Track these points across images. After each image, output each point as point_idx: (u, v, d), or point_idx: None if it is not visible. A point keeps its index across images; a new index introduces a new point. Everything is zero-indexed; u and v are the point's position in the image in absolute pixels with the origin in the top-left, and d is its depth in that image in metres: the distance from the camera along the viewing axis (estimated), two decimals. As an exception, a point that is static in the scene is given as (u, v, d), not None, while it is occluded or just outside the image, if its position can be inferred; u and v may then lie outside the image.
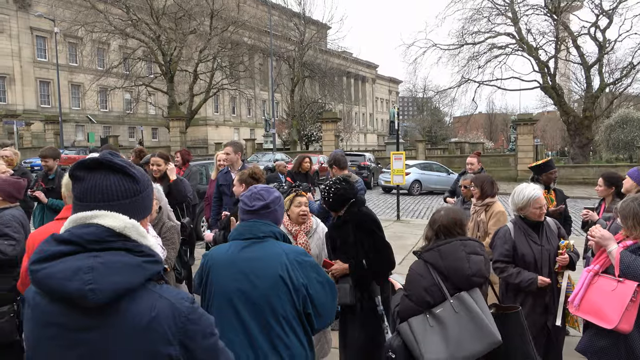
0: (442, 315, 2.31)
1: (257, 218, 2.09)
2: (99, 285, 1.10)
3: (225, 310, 1.98)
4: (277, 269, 1.98)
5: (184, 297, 1.22)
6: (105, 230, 1.18)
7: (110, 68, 33.78)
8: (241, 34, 37.42)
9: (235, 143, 5.40)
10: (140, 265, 1.18)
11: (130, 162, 1.30)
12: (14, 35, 42.74)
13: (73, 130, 45.55)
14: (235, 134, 59.48)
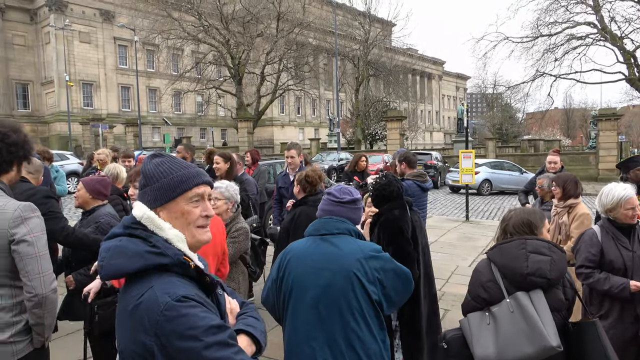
0: (498, 314, 2.25)
1: (340, 213, 2.16)
2: (105, 264, 1.26)
3: (302, 305, 2.03)
4: (352, 264, 2.02)
5: (170, 293, 1.19)
6: (132, 217, 1.33)
7: (184, 72, 35.57)
8: (306, 35, 37.97)
9: (298, 145, 5.46)
10: (141, 254, 1.25)
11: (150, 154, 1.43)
12: (99, 45, 46.33)
13: (150, 132, 48.53)
14: (300, 134, 60.42)
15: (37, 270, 1.95)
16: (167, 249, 1.27)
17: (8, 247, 1.90)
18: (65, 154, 20.62)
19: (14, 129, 2.10)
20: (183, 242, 1.32)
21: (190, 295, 1.22)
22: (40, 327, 2.00)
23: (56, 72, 42.85)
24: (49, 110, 45.36)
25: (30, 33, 45.80)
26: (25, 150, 2.13)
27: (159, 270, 1.25)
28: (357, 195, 2.24)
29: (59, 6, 42.82)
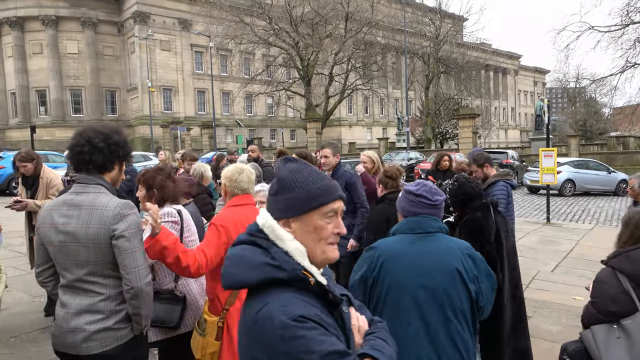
0: (631, 328, 2.08)
1: (432, 213, 2.13)
2: (225, 272, 1.23)
3: (403, 303, 1.98)
4: (453, 263, 2.00)
5: (286, 311, 1.11)
6: (256, 224, 1.28)
7: (255, 76, 36.74)
8: (375, 34, 37.71)
9: (333, 145, 4.94)
10: (260, 265, 1.19)
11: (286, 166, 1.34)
12: (178, 52, 49.11)
13: (224, 134, 50.63)
14: (367, 134, 60.13)
15: (133, 264, 2.07)
16: (286, 262, 1.19)
17: (110, 241, 2.05)
18: (149, 155, 22.07)
19: (115, 131, 2.26)
20: (303, 256, 1.23)
21: (308, 315, 1.12)
22: (137, 317, 2.14)
23: (140, 79, 45.99)
24: (133, 115, 48.79)
25: (118, 44, 49.56)
26: (124, 151, 2.26)
27: (278, 284, 1.18)
28: (443, 194, 2.22)
29: (142, 18, 45.92)
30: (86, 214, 2.07)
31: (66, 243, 2.07)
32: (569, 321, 4.81)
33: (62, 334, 2.11)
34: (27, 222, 5.00)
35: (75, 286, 2.12)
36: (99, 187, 2.15)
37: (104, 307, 2.09)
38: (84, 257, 2.07)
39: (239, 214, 2.60)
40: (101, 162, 2.17)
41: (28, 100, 47.64)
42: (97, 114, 47.82)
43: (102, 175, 2.19)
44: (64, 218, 2.08)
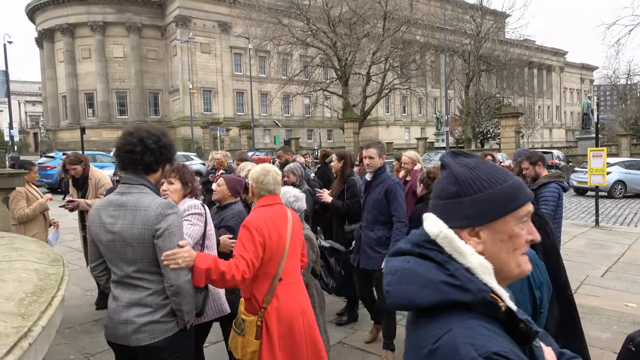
0: None
1: None
2: (392, 289, 1.03)
3: None
4: None
5: (475, 345, 0.90)
6: (424, 233, 1.07)
7: (293, 76, 37.04)
8: (413, 33, 37.24)
9: (378, 144, 4.24)
10: (436, 284, 0.99)
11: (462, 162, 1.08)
12: (217, 54, 50.19)
13: (262, 134, 51.34)
14: (405, 133, 59.46)
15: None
16: (470, 281, 0.99)
17: (152, 240, 2.12)
18: (190, 155, 22.65)
19: (163, 133, 2.33)
20: (490, 274, 1.01)
21: (504, 353, 0.90)
22: (180, 313, 2.21)
23: (181, 81, 47.30)
24: (175, 116, 50.22)
25: (160, 47, 51.17)
26: (171, 153, 2.34)
27: (458, 307, 0.98)
28: None
29: (184, 21, 47.22)
30: (131, 214, 2.14)
31: (114, 242, 2.16)
32: (621, 328, 4.59)
33: (114, 325, 2.20)
34: (80, 221, 5.24)
35: (124, 281, 2.21)
36: (143, 188, 2.21)
37: (151, 301, 2.17)
38: (131, 256, 2.15)
39: (269, 213, 2.65)
40: (151, 162, 2.24)
41: (77, 102, 49.96)
42: (141, 115, 49.55)
43: (147, 176, 2.25)
44: (111, 218, 2.17)
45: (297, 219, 2.80)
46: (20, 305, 1.51)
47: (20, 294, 1.61)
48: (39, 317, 1.43)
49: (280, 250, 2.60)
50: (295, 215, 2.81)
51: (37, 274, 1.91)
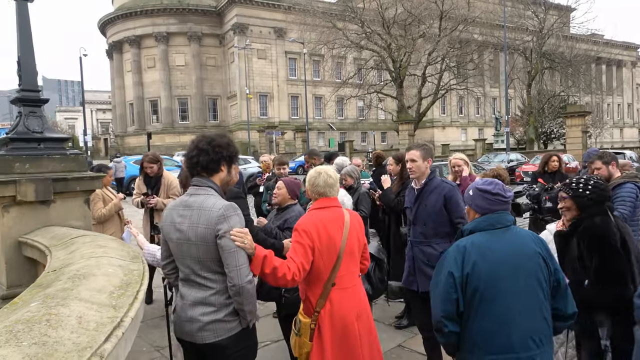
0: None
1: (505, 208, 2.31)
2: None
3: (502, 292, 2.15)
4: (533, 247, 2.22)
5: None
6: None
7: (347, 79, 37.10)
8: (471, 31, 36.19)
9: (423, 147, 3.65)
10: None
11: None
12: (273, 60, 51.30)
13: (316, 137, 51.82)
14: (462, 135, 57.85)
15: (234, 263, 2.18)
16: None
17: (215, 240, 2.20)
18: (247, 159, 23.30)
19: (219, 135, 2.45)
20: None
21: None
22: (242, 312, 2.28)
23: (238, 87, 48.75)
24: (233, 120, 51.81)
25: (219, 55, 53.06)
26: (228, 152, 2.39)
27: None
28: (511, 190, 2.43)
29: (241, 29, 48.68)
30: (196, 215, 2.23)
31: (181, 240, 2.27)
32: None
33: (181, 322, 2.32)
34: (148, 221, 5.52)
35: (190, 279, 2.31)
36: (209, 190, 2.30)
37: (215, 300, 2.25)
38: (195, 254, 2.24)
39: (321, 216, 2.62)
40: (207, 163, 2.33)
41: (143, 109, 52.84)
42: (201, 121, 51.58)
43: (212, 178, 2.35)
44: (180, 217, 2.29)
45: (357, 221, 2.75)
46: (110, 298, 1.64)
47: (109, 287, 1.75)
48: (128, 309, 1.54)
49: (332, 255, 2.57)
50: (355, 218, 2.75)
51: (122, 269, 2.06)
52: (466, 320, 2.17)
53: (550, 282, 2.21)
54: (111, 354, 1.26)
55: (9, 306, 1.62)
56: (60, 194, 3.89)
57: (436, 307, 2.20)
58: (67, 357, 1.13)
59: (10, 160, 3.73)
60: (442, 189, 3.49)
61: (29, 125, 3.88)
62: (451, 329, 2.16)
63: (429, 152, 3.58)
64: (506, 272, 2.16)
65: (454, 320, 2.17)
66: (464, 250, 2.18)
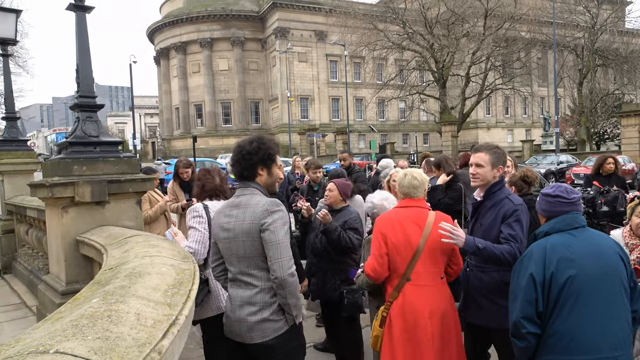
0: None
1: (574, 209, 2.32)
2: None
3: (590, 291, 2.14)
4: (613, 247, 2.26)
5: None
6: None
7: (388, 81, 36.79)
8: (517, 29, 35.03)
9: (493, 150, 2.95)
10: None
11: None
12: (314, 62, 51.63)
13: (356, 139, 51.67)
14: (508, 136, 56.09)
15: (276, 255, 2.24)
16: None
17: (260, 234, 2.28)
18: (289, 161, 23.51)
19: (250, 141, 2.48)
20: None
21: None
22: (287, 307, 2.30)
23: (280, 90, 49.36)
24: (274, 123, 52.50)
25: (261, 59, 53.96)
26: (259, 156, 2.42)
27: None
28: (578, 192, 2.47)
29: (283, 33, 49.31)
30: (242, 212, 2.34)
31: (229, 239, 2.35)
32: None
33: (231, 323, 2.38)
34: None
35: (237, 279, 2.37)
36: (253, 190, 2.40)
37: (259, 299, 2.30)
38: (242, 251, 2.32)
39: (400, 214, 2.78)
40: (242, 170, 2.43)
41: (188, 113, 54.47)
42: (244, 124, 52.60)
43: (255, 179, 2.44)
44: (227, 218, 2.39)
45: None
46: (165, 296, 1.69)
47: (163, 285, 1.81)
48: (182, 307, 1.59)
49: (407, 251, 2.66)
50: (442, 219, 2.73)
51: (174, 268, 2.13)
52: (548, 321, 2.17)
53: (629, 284, 2.23)
54: (168, 351, 1.30)
55: (72, 301, 1.70)
56: (114, 195, 4.07)
57: (514, 309, 2.22)
58: (128, 352, 1.18)
59: (69, 163, 3.93)
60: (501, 206, 2.78)
61: (86, 130, 4.08)
62: (531, 330, 2.16)
63: (500, 157, 2.89)
64: (593, 272, 2.16)
65: (533, 321, 2.17)
66: (544, 251, 2.20)
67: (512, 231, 2.66)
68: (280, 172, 2.62)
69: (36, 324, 1.47)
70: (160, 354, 1.23)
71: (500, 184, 2.88)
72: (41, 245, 5.88)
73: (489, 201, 2.85)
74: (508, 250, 2.60)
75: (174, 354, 1.40)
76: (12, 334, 4.85)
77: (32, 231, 6.34)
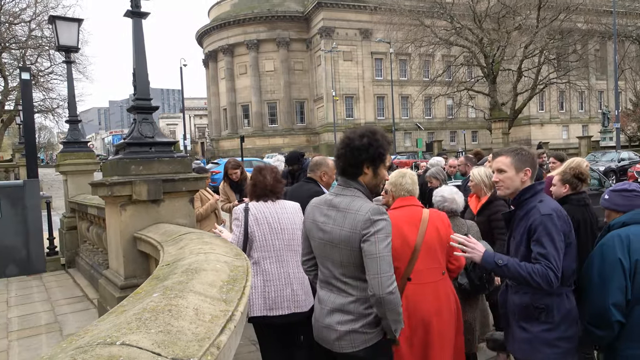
0: None
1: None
2: None
3: None
4: None
5: None
6: None
7: (435, 78, 36.04)
8: (574, 20, 33.34)
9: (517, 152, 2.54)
10: None
11: None
12: (359, 61, 51.42)
13: (402, 137, 51.00)
14: (563, 132, 53.56)
15: (375, 270, 2.04)
16: None
17: (359, 245, 2.09)
18: (334, 160, 23.59)
19: (361, 135, 2.22)
20: None
21: None
22: (385, 322, 2.12)
23: (325, 89, 49.52)
24: (319, 123, 52.75)
25: (306, 59, 54.36)
26: (368, 154, 2.20)
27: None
28: None
29: (328, 32, 49.44)
30: (341, 216, 2.15)
31: (324, 241, 2.22)
32: None
33: (319, 328, 2.29)
34: None
35: (330, 283, 2.25)
36: (355, 191, 2.19)
37: (354, 308, 2.16)
38: (338, 258, 2.17)
39: (395, 214, 2.73)
40: (345, 167, 2.23)
41: (235, 114, 55.76)
42: (289, 123, 53.23)
43: (358, 178, 2.23)
44: (324, 217, 2.23)
45: (437, 220, 2.78)
46: (221, 292, 1.73)
47: (219, 282, 1.85)
48: (238, 304, 1.61)
49: (405, 251, 2.66)
50: (436, 216, 2.80)
51: (227, 265, 2.17)
52: (631, 309, 2.18)
53: None
54: (226, 346, 1.32)
55: (133, 295, 1.77)
56: (168, 194, 4.22)
57: (602, 296, 2.21)
58: (189, 346, 1.21)
59: (127, 163, 4.11)
60: (529, 216, 2.38)
61: (143, 131, 4.25)
62: (618, 319, 2.17)
63: (525, 159, 2.47)
64: None
65: (621, 309, 2.17)
66: (627, 239, 2.23)
67: (542, 249, 2.24)
68: (386, 173, 2.39)
69: (102, 316, 1.55)
70: (219, 349, 1.25)
71: (532, 190, 2.44)
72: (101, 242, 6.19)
73: (521, 210, 2.46)
74: (539, 270, 2.20)
75: (230, 349, 1.43)
76: (76, 325, 5.13)
77: (93, 228, 6.69)
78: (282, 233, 3.08)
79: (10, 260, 7.78)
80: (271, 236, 3.06)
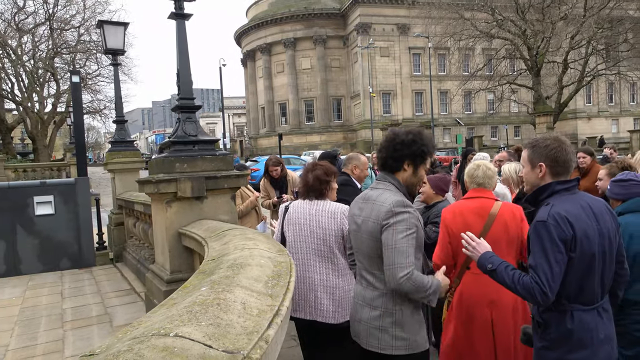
0: None
1: None
2: None
3: None
4: None
5: None
6: None
7: (475, 72, 35.12)
8: (624, 8, 31.67)
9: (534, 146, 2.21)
10: None
11: None
12: (396, 57, 50.82)
13: (441, 133, 50.06)
14: (613, 126, 51.10)
15: (389, 260, 2.06)
16: None
17: (380, 235, 2.13)
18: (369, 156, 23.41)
19: (407, 132, 2.27)
20: None
21: None
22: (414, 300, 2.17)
23: (362, 86, 49.24)
24: (356, 120, 52.53)
25: (342, 56, 54.22)
26: (411, 150, 2.22)
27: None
28: None
29: (364, 28, 49.11)
30: (370, 208, 2.21)
31: (356, 232, 2.30)
32: None
33: (353, 322, 2.33)
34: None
35: (362, 275, 2.30)
36: (388, 185, 2.23)
37: (380, 303, 2.18)
38: (366, 250, 2.22)
39: (463, 205, 2.84)
40: (385, 159, 2.27)
41: (273, 112, 56.37)
42: (326, 121, 53.28)
43: (394, 174, 2.27)
44: (358, 210, 2.30)
45: (508, 214, 2.75)
46: (266, 287, 1.75)
47: (264, 277, 1.87)
48: (283, 298, 1.63)
49: None
50: (508, 211, 2.77)
51: (271, 261, 2.20)
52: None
53: None
54: (273, 340, 1.34)
55: (182, 289, 1.82)
56: (211, 191, 4.32)
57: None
58: (239, 339, 1.23)
59: (172, 161, 4.24)
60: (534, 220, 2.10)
61: (186, 130, 4.37)
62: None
63: (539, 153, 2.13)
64: None
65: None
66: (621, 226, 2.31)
67: (532, 260, 2.00)
68: (425, 174, 2.40)
69: (154, 308, 1.60)
70: (267, 343, 1.27)
71: (549, 190, 2.09)
72: (147, 237, 6.41)
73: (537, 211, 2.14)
74: (524, 283, 1.98)
75: (277, 344, 1.44)
76: (125, 317, 5.34)
77: (139, 224, 6.94)
78: (310, 236, 2.96)
79: (63, 254, 8.19)
80: (299, 238, 3.00)
